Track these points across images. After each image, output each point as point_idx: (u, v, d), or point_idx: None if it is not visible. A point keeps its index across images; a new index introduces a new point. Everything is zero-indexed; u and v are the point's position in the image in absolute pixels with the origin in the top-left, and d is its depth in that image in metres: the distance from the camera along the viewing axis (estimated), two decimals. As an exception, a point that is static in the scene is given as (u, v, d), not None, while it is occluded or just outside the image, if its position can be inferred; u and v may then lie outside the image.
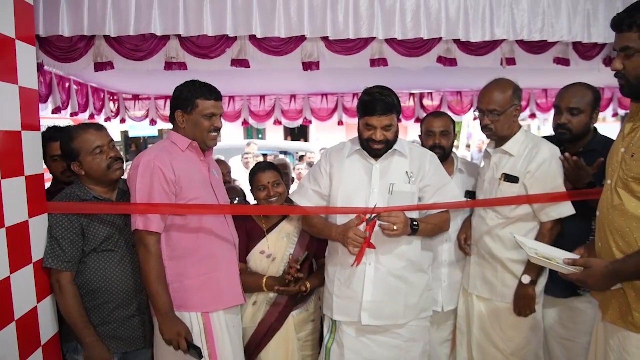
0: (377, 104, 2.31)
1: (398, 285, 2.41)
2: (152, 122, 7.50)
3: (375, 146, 2.38)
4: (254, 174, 2.71)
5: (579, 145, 2.58)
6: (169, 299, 2.20)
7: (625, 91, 1.79)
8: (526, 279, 2.44)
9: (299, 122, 8.02)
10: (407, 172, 2.44)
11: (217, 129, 2.36)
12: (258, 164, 2.84)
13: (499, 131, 2.54)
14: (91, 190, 2.30)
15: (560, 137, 2.59)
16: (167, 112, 7.45)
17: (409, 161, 2.47)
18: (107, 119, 6.70)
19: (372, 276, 2.39)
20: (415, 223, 2.35)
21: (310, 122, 8.10)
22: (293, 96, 7.74)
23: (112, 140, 2.36)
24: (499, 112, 2.50)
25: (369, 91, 2.38)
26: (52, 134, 2.60)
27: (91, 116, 6.10)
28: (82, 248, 2.24)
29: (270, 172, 2.69)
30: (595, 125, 2.64)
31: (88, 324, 2.21)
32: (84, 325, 2.20)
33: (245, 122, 7.90)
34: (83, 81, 5.81)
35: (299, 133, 16.69)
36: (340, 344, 2.46)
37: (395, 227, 2.25)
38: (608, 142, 2.33)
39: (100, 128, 2.36)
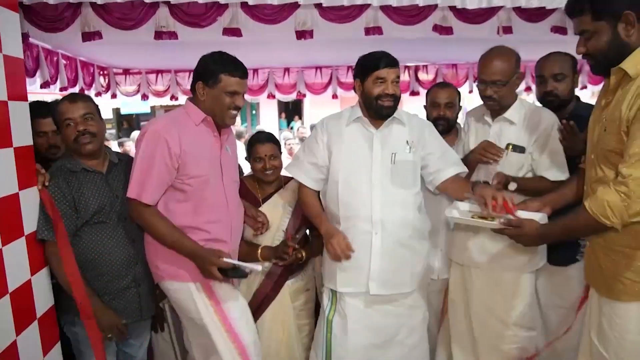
0: (384, 58, 2.33)
1: (404, 253, 2.42)
2: (144, 97, 7.43)
3: (387, 102, 2.33)
4: (253, 144, 2.69)
5: (565, 112, 2.58)
6: (189, 242, 2.19)
7: (595, 70, 1.88)
8: (513, 186, 2.38)
9: (293, 96, 7.98)
10: (407, 141, 2.42)
11: (238, 108, 2.26)
12: (258, 134, 2.80)
13: (502, 102, 2.47)
14: (81, 162, 2.27)
15: (549, 105, 2.58)
16: (158, 87, 7.47)
17: (408, 129, 2.44)
18: (98, 94, 6.62)
19: (380, 246, 2.38)
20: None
21: (304, 95, 8.06)
22: (287, 69, 7.68)
23: (88, 112, 2.26)
24: (503, 82, 2.41)
25: (369, 53, 2.38)
26: (39, 110, 2.51)
27: (81, 91, 6.01)
28: (75, 222, 2.21)
29: (269, 145, 2.67)
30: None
31: (91, 292, 2.22)
32: (85, 295, 2.18)
33: (238, 96, 7.84)
34: (72, 55, 5.71)
35: (293, 109, 16.60)
36: (342, 315, 2.46)
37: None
38: (591, 108, 2.40)
39: (74, 100, 2.27)
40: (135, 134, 7.83)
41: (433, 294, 2.85)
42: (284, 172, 2.72)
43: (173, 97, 7.55)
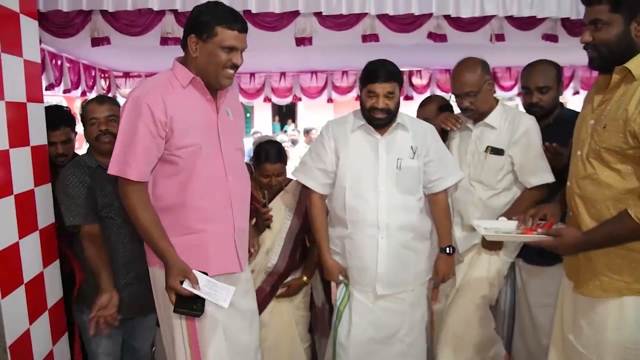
0: (379, 71, 2.34)
1: (408, 254, 2.49)
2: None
3: (378, 115, 2.37)
4: (262, 161, 2.67)
5: (550, 118, 2.69)
6: (165, 246, 1.91)
7: (595, 63, 1.84)
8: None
9: (289, 99, 8.09)
10: (412, 146, 2.46)
11: (235, 66, 1.97)
12: (269, 148, 2.72)
13: (479, 109, 2.57)
14: (98, 159, 2.37)
15: (535, 115, 2.65)
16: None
17: (411, 135, 2.48)
18: (99, 96, 6.74)
19: (385, 249, 2.44)
20: (449, 248, 2.58)
21: (300, 99, 8.16)
22: (283, 74, 7.80)
23: (112, 114, 2.36)
24: (475, 92, 2.52)
25: (371, 62, 2.41)
26: (50, 121, 2.49)
27: (83, 93, 6.13)
28: (95, 203, 2.29)
29: (278, 165, 2.71)
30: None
31: (109, 273, 2.28)
32: (104, 273, 2.26)
33: (235, 100, 7.95)
34: (75, 58, 5.83)
35: (287, 112, 16.66)
36: (350, 307, 2.53)
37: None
38: (574, 113, 2.49)
39: (102, 102, 2.40)
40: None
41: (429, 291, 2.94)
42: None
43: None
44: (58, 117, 2.66)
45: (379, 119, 2.39)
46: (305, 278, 2.79)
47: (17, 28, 2.09)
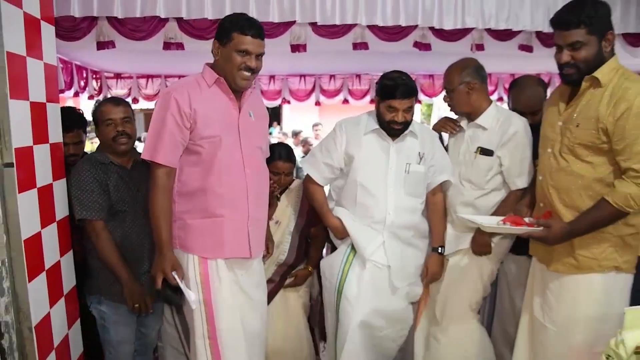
0: (400, 88, 2.47)
1: (410, 251, 2.67)
2: (135, 100, 7.61)
3: (396, 127, 2.53)
4: (276, 159, 2.82)
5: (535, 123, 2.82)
6: (166, 236, 2.18)
7: (573, 78, 2.06)
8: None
9: (278, 102, 8.28)
10: (419, 152, 2.62)
11: (250, 69, 2.16)
12: (281, 151, 2.91)
13: (455, 107, 2.71)
14: (109, 156, 2.50)
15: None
16: (148, 91, 7.67)
17: (420, 142, 2.64)
18: (91, 97, 6.81)
19: (388, 245, 2.60)
20: (441, 248, 2.71)
21: (288, 102, 8.34)
22: (272, 77, 7.96)
23: (127, 116, 2.50)
24: (449, 89, 2.67)
25: (390, 76, 2.53)
26: (64, 122, 2.55)
27: (76, 94, 6.21)
28: (108, 200, 2.42)
29: (288, 164, 2.89)
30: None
31: (123, 264, 2.41)
32: (119, 266, 2.41)
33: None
34: (68, 59, 5.91)
35: (273, 115, 16.78)
36: (360, 263, 2.65)
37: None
38: None
39: (118, 103, 2.52)
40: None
41: None
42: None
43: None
44: (71, 119, 2.77)
45: (397, 130, 2.56)
46: (310, 268, 2.97)
47: (39, 33, 2.23)
